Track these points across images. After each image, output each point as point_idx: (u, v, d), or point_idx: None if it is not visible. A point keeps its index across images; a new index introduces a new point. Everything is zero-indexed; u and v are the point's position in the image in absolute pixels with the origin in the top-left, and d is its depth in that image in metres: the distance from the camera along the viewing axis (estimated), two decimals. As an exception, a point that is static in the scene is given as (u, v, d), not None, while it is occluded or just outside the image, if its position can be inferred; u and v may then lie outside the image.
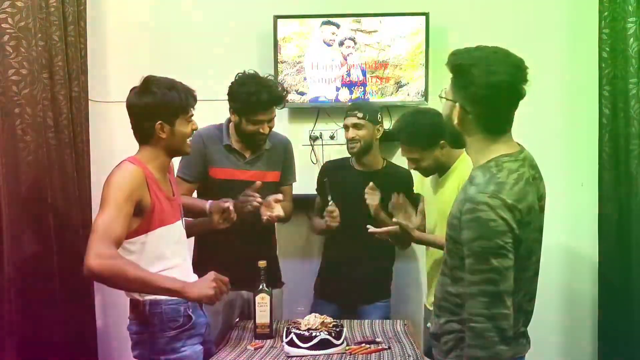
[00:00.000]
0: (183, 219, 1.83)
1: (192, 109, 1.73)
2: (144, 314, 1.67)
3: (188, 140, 1.74)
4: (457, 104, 1.34)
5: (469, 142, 1.38)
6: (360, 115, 2.28)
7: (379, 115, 2.32)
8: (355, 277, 2.28)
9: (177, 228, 1.77)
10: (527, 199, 1.31)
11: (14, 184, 2.12)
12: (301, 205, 2.46)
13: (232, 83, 2.12)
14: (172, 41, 2.73)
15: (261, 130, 2.10)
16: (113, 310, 2.75)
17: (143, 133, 1.70)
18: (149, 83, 1.69)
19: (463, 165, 1.96)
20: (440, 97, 1.44)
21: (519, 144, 1.44)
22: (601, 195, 2.55)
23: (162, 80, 1.71)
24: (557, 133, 2.70)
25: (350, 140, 2.29)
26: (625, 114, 2.43)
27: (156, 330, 1.67)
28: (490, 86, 1.32)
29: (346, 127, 2.31)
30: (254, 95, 2.03)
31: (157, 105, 1.65)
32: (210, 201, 2.02)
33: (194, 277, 1.77)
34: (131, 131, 2.65)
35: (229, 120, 2.20)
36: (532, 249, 1.36)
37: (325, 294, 2.38)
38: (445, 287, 1.42)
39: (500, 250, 1.24)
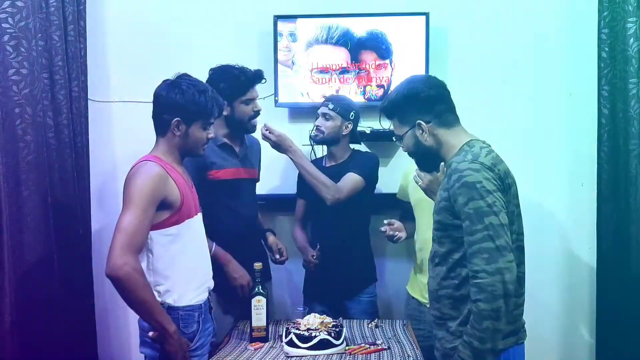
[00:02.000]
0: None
1: (213, 119, 1.77)
2: None
3: (203, 145, 1.78)
4: (419, 122, 1.53)
5: (440, 148, 1.55)
6: (331, 106, 2.32)
7: (351, 113, 2.34)
8: (340, 270, 2.29)
9: (200, 220, 1.80)
10: (503, 164, 1.49)
11: (14, 184, 2.12)
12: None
13: (211, 80, 2.10)
14: (172, 41, 2.72)
15: (254, 109, 2.17)
16: (113, 310, 2.75)
17: (160, 125, 1.73)
18: (182, 79, 1.73)
19: None
20: (398, 141, 1.63)
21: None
22: (600, 195, 2.55)
23: (196, 81, 1.74)
24: (557, 133, 2.70)
25: (315, 129, 2.34)
26: (625, 114, 2.43)
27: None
28: (433, 86, 1.57)
29: (317, 116, 2.35)
30: (241, 76, 2.12)
31: (182, 103, 1.68)
32: (215, 245, 2.05)
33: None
34: (131, 131, 2.71)
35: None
36: (511, 218, 1.47)
37: (312, 294, 2.39)
38: (439, 276, 1.54)
39: (491, 209, 1.38)
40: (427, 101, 1.53)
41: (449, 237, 1.50)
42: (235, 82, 2.11)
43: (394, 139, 1.65)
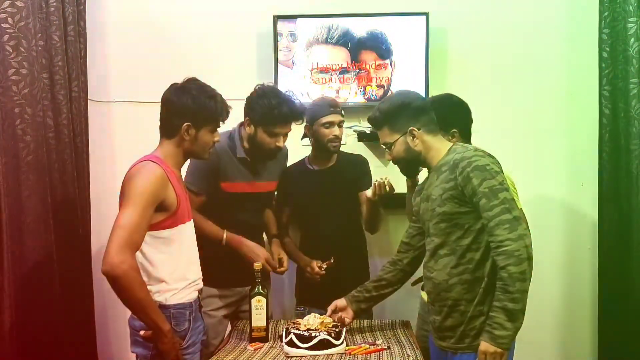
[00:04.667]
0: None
1: (222, 122, 1.78)
2: None
3: (209, 148, 1.78)
4: (410, 130, 1.68)
5: (427, 153, 1.70)
6: (343, 113, 2.30)
7: None
8: (335, 275, 2.23)
9: (192, 227, 1.80)
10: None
11: (14, 184, 2.12)
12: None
13: (251, 94, 2.09)
14: (172, 41, 2.73)
15: (277, 144, 2.07)
16: (112, 310, 2.75)
17: (169, 129, 1.72)
18: (192, 84, 1.73)
19: None
20: (387, 148, 1.74)
21: None
22: (601, 195, 2.55)
23: (205, 86, 1.75)
24: (558, 133, 2.70)
25: (335, 138, 2.26)
26: (626, 114, 2.43)
27: None
28: (419, 98, 1.76)
29: (331, 124, 2.24)
30: (275, 109, 2.01)
31: (192, 108, 1.69)
32: (226, 233, 2.06)
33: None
34: (131, 131, 2.70)
35: (240, 129, 2.15)
36: None
37: (306, 299, 2.34)
38: (449, 266, 1.64)
39: (502, 186, 1.54)
40: (417, 110, 1.70)
41: (455, 225, 1.62)
42: (268, 112, 2.02)
43: (383, 146, 1.77)
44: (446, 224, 1.64)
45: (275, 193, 2.35)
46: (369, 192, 2.15)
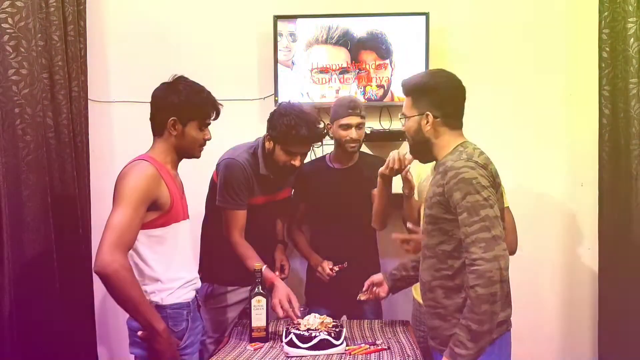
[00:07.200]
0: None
1: (209, 119, 1.76)
2: None
3: (200, 146, 1.77)
4: (427, 114, 1.62)
5: (436, 143, 1.64)
6: (363, 114, 2.27)
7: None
8: (347, 275, 2.23)
9: (187, 226, 1.79)
10: (493, 165, 1.60)
11: (14, 184, 2.12)
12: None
13: (274, 110, 2.11)
14: (172, 41, 2.73)
15: (293, 162, 2.08)
16: (113, 309, 2.75)
17: (156, 125, 1.73)
18: (179, 81, 1.74)
19: None
20: (403, 117, 1.70)
21: None
22: (601, 195, 2.55)
23: (192, 83, 1.75)
24: (557, 133, 2.70)
25: (351, 141, 2.25)
26: (626, 114, 2.43)
27: None
28: (454, 88, 1.65)
29: (347, 126, 2.23)
30: (294, 129, 2.01)
31: (177, 103, 1.69)
32: (265, 267, 2.02)
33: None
34: (131, 131, 2.71)
35: (263, 146, 2.14)
36: (501, 214, 1.56)
37: (316, 298, 2.34)
38: (432, 268, 1.62)
39: (486, 202, 1.47)
40: (444, 99, 1.63)
41: (440, 230, 1.59)
42: (286, 131, 2.01)
43: (400, 116, 1.73)
44: (432, 226, 1.61)
45: (292, 190, 2.37)
46: (382, 168, 2.03)
